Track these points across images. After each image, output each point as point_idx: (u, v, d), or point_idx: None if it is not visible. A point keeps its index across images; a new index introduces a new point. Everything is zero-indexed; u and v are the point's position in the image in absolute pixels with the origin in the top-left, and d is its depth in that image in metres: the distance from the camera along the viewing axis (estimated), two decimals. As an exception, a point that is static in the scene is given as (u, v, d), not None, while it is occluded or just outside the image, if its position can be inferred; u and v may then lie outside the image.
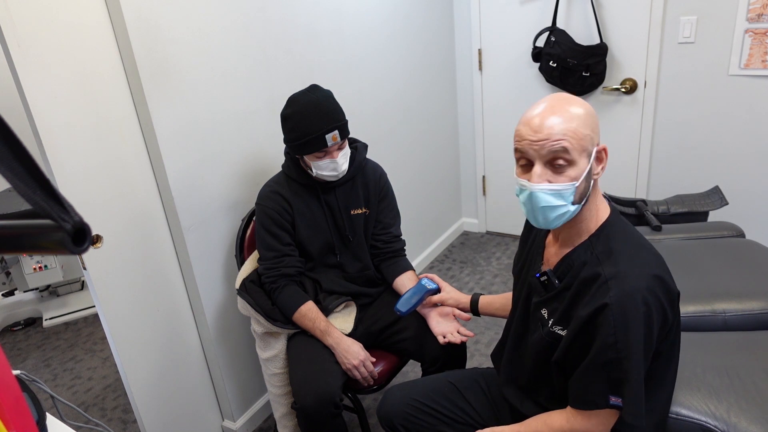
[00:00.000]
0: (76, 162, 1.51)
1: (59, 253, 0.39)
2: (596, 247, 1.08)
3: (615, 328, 1.00)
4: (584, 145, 1.02)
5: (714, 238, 1.97)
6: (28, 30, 1.36)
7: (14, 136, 0.36)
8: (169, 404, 1.90)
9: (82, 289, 3.24)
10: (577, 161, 1.02)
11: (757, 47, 2.40)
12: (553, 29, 2.75)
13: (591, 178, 1.05)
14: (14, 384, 0.48)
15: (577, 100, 1.05)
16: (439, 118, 3.15)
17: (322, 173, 1.64)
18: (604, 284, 1.03)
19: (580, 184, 1.03)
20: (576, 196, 1.04)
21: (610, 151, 2.91)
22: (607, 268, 1.04)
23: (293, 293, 1.70)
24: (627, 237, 1.09)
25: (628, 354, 1.00)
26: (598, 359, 1.03)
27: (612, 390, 1.04)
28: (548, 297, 1.16)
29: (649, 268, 1.03)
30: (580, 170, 1.02)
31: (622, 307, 1.00)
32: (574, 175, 1.02)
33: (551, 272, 1.13)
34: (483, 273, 3.10)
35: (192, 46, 1.70)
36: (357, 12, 2.38)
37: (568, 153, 1.01)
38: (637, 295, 1.00)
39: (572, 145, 1.00)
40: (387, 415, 1.46)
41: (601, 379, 1.04)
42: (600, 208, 1.11)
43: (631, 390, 1.01)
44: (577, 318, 1.06)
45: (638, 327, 0.99)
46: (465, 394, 1.43)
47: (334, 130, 1.58)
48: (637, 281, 1.01)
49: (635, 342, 1.00)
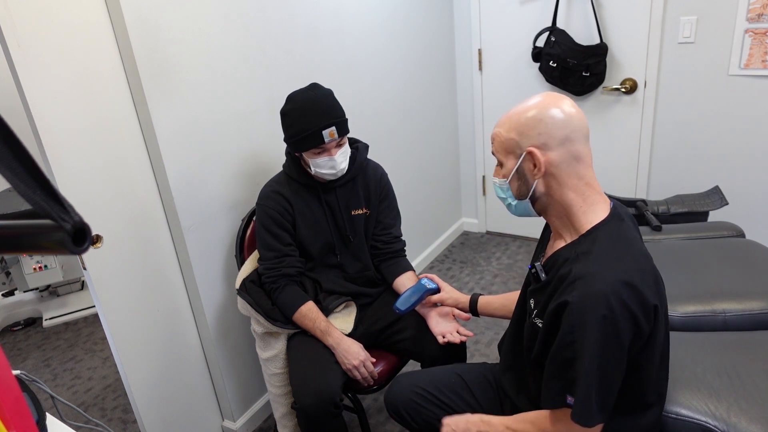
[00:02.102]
0: (76, 162, 1.51)
1: (59, 253, 0.39)
2: (580, 246, 1.09)
3: (573, 327, 1.01)
4: (507, 147, 1.12)
5: (714, 238, 1.97)
6: (28, 30, 1.36)
7: (14, 136, 0.36)
8: (169, 404, 1.90)
9: (82, 289, 3.24)
10: (504, 162, 1.15)
11: (757, 47, 2.40)
12: (553, 29, 2.75)
13: (527, 178, 1.12)
14: (14, 384, 0.48)
15: (530, 106, 1.10)
16: (439, 118, 3.15)
17: (321, 171, 1.64)
18: (571, 283, 1.04)
19: (512, 181, 1.14)
20: (513, 191, 1.16)
21: (610, 152, 2.92)
22: (579, 267, 1.05)
23: (293, 293, 1.70)
24: (617, 242, 1.08)
25: (582, 355, 1.00)
26: (557, 357, 1.05)
27: (568, 389, 1.05)
28: (536, 288, 1.19)
29: (622, 275, 1.01)
30: (508, 170, 1.14)
31: (581, 307, 1.00)
32: (503, 173, 1.16)
33: (540, 266, 1.16)
34: (483, 273, 3.10)
35: (192, 46, 1.70)
36: (357, 12, 2.38)
37: (494, 154, 1.17)
38: (599, 299, 0.99)
39: (495, 147, 1.16)
40: (393, 402, 1.47)
41: (559, 377, 1.06)
42: (590, 212, 1.10)
43: (581, 390, 1.02)
44: (547, 313, 1.08)
45: (597, 330, 0.99)
46: (471, 387, 1.44)
47: (331, 126, 1.57)
48: (603, 285, 1.00)
49: (592, 343, 0.99)
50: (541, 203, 1.14)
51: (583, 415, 1.03)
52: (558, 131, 1.07)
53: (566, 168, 1.08)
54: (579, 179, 1.09)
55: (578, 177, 1.09)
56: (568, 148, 1.07)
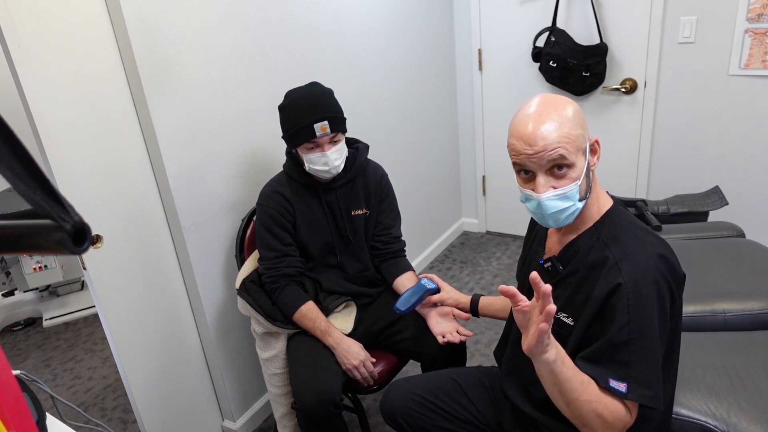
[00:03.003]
0: (76, 162, 1.51)
1: (59, 253, 0.39)
2: (601, 232, 1.10)
3: (629, 307, 1.01)
4: (579, 145, 1.05)
5: (714, 238, 1.97)
6: (28, 30, 1.36)
7: (14, 136, 0.36)
8: (169, 404, 1.90)
9: (82, 289, 3.24)
10: (576, 162, 1.05)
11: (757, 47, 2.40)
12: (553, 29, 2.75)
13: (590, 172, 1.09)
14: (14, 384, 0.48)
15: (561, 101, 1.07)
16: (439, 118, 3.15)
17: (314, 167, 1.63)
18: (614, 266, 1.04)
19: (582, 181, 1.06)
20: (581, 193, 1.07)
21: (610, 152, 2.92)
22: (615, 250, 1.06)
23: (293, 293, 1.70)
24: (630, 223, 1.12)
25: (639, 335, 1.00)
26: (610, 341, 1.03)
27: (613, 373, 1.02)
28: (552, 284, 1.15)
29: (654, 248, 1.05)
30: (580, 169, 1.06)
31: (636, 286, 1.01)
32: (575, 176, 1.05)
33: (555, 258, 1.15)
34: (483, 273, 3.10)
35: (192, 46, 1.70)
36: (357, 12, 2.38)
37: (566, 158, 1.03)
38: (648, 274, 1.01)
39: (568, 150, 1.03)
40: (389, 409, 1.47)
41: (607, 361, 1.03)
42: (600, 196, 1.14)
43: (642, 372, 1.00)
44: (592, 301, 1.06)
45: (652, 305, 1.01)
46: (467, 392, 1.44)
47: (323, 120, 1.57)
48: (646, 260, 1.03)
49: (648, 321, 1.00)
50: (588, 198, 1.11)
51: (648, 396, 1.00)
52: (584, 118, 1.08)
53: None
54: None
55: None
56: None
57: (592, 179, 1.10)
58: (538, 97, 1.08)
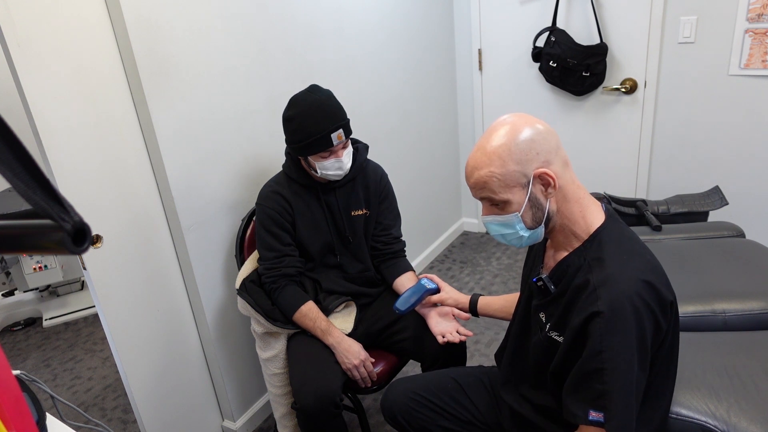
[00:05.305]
0: (76, 162, 1.51)
1: (59, 253, 0.38)
2: (588, 253, 1.08)
3: (602, 337, 0.98)
4: (510, 182, 1.04)
5: (714, 238, 1.97)
6: (28, 30, 1.36)
7: (14, 136, 0.36)
8: (169, 404, 1.90)
9: (82, 289, 3.24)
10: (510, 198, 1.06)
11: (757, 47, 2.40)
12: (553, 29, 2.75)
13: (540, 202, 1.07)
14: (14, 384, 0.48)
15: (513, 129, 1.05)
16: (439, 118, 3.15)
17: (328, 173, 1.64)
18: (593, 292, 1.02)
19: (524, 213, 1.07)
20: (526, 222, 1.08)
21: (610, 151, 2.92)
22: (596, 274, 1.03)
23: (293, 293, 1.70)
24: (621, 243, 1.08)
25: (612, 365, 0.97)
26: (583, 368, 1.01)
27: (592, 403, 1.00)
28: (546, 301, 1.15)
29: (638, 273, 1.01)
30: (517, 204, 1.06)
31: (611, 314, 0.98)
32: (513, 209, 1.07)
33: (547, 278, 1.13)
34: (483, 273, 3.10)
35: (192, 46, 1.70)
36: (357, 11, 2.38)
37: (493, 197, 1.06)
38: (625, 301, 0.98)
39: (494, 190, 1.05)
40: (390, 408, 1.47)
41: (583, 390, 1.02)
42: (587, 214, 1.10)
43: (613, 401, 0.98)
44: (570, 327, 1.05)
45: (628, 334, 0.98)
46: (467, 392, 1.44)
47: (339, 129, 1.58)
48: (626, 285, 0.99)
49: (623, 351, 0.97)
50: (553, 222, 1.10)
51: (625, 427, 0.99)
52: (549, 143, 1.05)
53: (564, 176, 1.07)
54: (573, 183, 1.09)
55: (572, 181, 1.09)
56: (560, 156, 1.07)
57: (551, 207, 1.07)
58: (495, 122, 1.09)
